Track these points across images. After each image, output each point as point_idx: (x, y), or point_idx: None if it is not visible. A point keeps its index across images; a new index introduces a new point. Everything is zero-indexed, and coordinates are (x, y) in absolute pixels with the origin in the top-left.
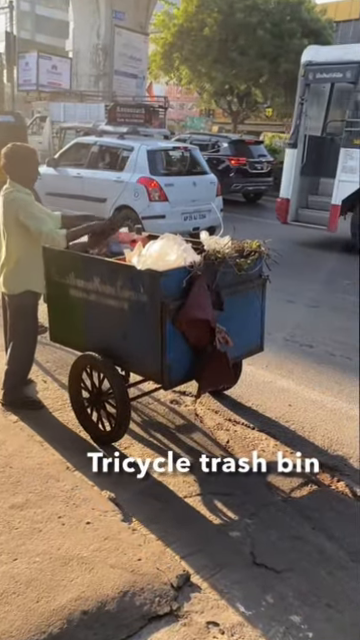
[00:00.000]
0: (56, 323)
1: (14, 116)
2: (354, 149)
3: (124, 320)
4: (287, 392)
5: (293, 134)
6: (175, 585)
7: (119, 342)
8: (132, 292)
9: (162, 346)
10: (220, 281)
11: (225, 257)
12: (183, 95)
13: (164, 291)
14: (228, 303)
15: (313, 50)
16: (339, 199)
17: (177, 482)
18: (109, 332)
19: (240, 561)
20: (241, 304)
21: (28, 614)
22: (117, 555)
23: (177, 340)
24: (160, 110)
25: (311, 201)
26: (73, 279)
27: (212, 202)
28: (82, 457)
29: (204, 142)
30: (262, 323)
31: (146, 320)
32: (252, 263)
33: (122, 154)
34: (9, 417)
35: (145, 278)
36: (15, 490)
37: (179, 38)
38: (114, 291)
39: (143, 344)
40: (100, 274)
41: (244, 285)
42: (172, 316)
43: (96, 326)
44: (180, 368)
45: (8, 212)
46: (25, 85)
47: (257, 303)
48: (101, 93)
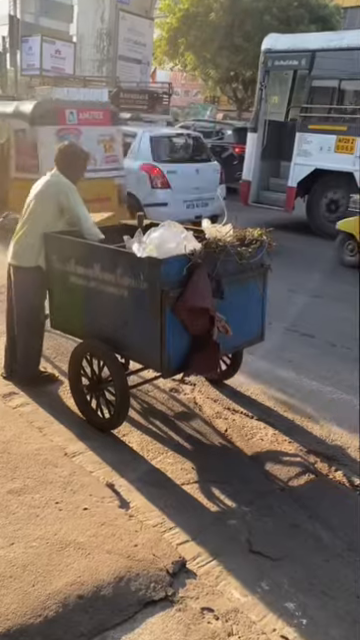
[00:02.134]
0: (57, 310)
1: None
2: (309, 134)
3: (124, 308)
4: (286, 381)
5: (253, 119)
6: (171, 571)
7: (119, 330)
8: (132, 280)
9: (162, 334)
10: (221, 269)
11: (226, 245)
12: (188, 82)
13: (164, 279)
14: (229, 292)
15: (273, 38)
16: (295, 181)
17: (175, 469)
18: (109, 320)
19: (236, 549)
20: (242, 293)
21: (24, 597)
22: (114, 541)
23: (177, 328)
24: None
25: (272, 183)
26: (73, 266)
27: (215, 190)
28: (81, 443)
29: (208, 129)
30: (263, 313)
31: (146, 308)
32: (253, 252)
33: (125, 140)
34: (8, 403)
35: (145, 265)
36: (13, 475)
37: (184, 23)
38: (114, 278)
39: (143, 332)
40: (100, 261)
41: (245, 274)
42: (172, 304)
43: (96, 314)
44: (179, 356)
45: (51, 191)
46: (28, 70)
47: (258, 292)
48: (105, 78)
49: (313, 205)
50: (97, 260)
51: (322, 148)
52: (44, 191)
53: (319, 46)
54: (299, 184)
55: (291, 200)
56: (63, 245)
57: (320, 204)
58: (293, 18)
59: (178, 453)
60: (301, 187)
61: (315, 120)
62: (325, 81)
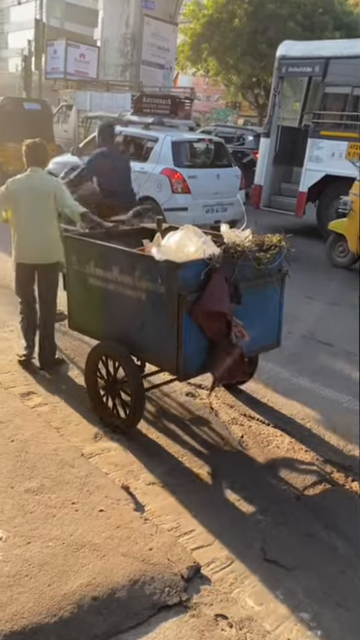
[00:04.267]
0: (75, 311)
1: (41, 104)
2: (321, 140)
3: (141, 310)
4: (304, 390)
5: (267, 124)
6: (185, 576)
7: (136, 332)
8: (150, 283)
9: (178, 338)
10: (239, 274)
11: (245, 250)
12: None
13: (182, 282)
14: (246, 297)
15: (288, 45)
16: (306, 186)
17: (190, 474)
18: (126, 322)
19: (251, 556)
20: (259, 298)
21: (40, 597)
22: (129, 544)
23: (193, 332)
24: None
25: (283, 188)
26: (93, 268)
27: (235, 195)
28: (97, 445)
29: (229, 135)
30: (280, 319)
31: (163, 311)
32: (272, 257)
33: (146, 145)
34: (27, 402)
35: (163, 269)
36: (31, 474)
37: (208, 29)
38: (132, 281)
39: (159, 335)
40: (119, 264)
41: (263, 279)
42: (189, 308)
43: (114, 315)
44: (195, 360)
45: (51, 185)
46: (52, 73)
47: (276, 298)
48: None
49: (323, 210)
50: (116, 262)
51: (333, 154)
52: (45, 189)
53: (333, 53)
54: (310, 189)
55: (302, 205)
56: (83, 247)
57: (330, 210)
58: (317, 25)
59: (193, 458)
60: (312, 192)
61: (327, 126)
62: (338, 88)
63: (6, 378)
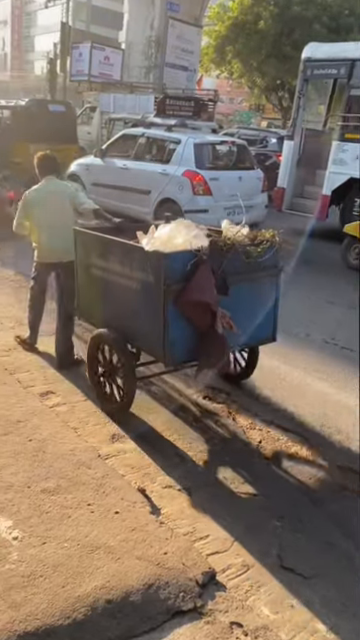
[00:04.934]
0: (82, 301)
1: (65, 106)
2: (345, 142)
3: (135, 299)
4: (325, 395)
5: (291, 127)
6: (200, 582)
7: (130, 320)
8: (141, 272)
9: (164, 325)
10: (228, 267)
11: (234, 244)
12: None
13: (168, 272)
14: (238, 290)
15: (313, 47)
16: (329, 189)
17: (206, 479)
18: (123, 310)
19: (267, 563)
20: (252, 292)
21: (54, 598)
22: (144, 547)
23: (179, 321)
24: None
25: (306, 191)
26: (95, 259)
27: (257, 198)
28: (114, 446)
29: (252, 137)
30: (276, 314)
31: (151, 300)
32: (262, 251)
33: (169, 146)
34: (45, 402)
35: (151, 259)
36: (47, 474)
37: (233, 31)
38: (127, 271)
39: (149, 323)
40: (116, 254)
41: (256, 274)
42: (175, 297)
43: (112, 304)
44: (182, 348)
45: (68, 192)
46: (77, 75)
47: (271, 293)
48: (151, 85)
49: (347, 214)
50: (113, 253)
51: (358, 157)
52: (62, 192)
53: (358, 55)
54: (334, 192)
55: (325, 208)
56: (87, 239)
57: (354, 213)
58: (343, 27)
59: (210, 462)
60: (335, 195)
61: (352, 129)
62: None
63: (25, 377)
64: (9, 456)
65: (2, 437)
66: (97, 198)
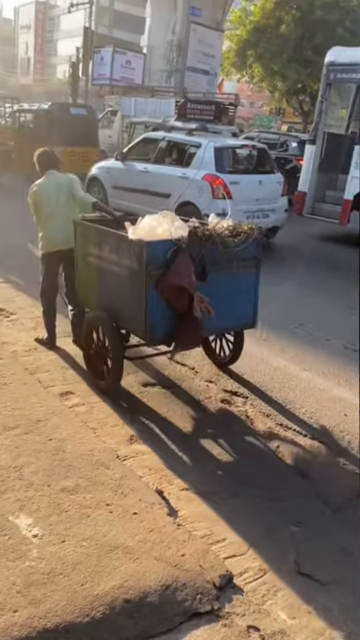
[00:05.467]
0: (81, 287)
1: (87, 109)
2: None
3: (122, 284)
4: (343, 401)
5: (312, 131)
6: (217, 585)
7: (119, 303)
8: (127, 259)
9: (146, 307)
10: (207, 256)
11: (212, 234)
12: (254, 93)
13: (149, 259)
14: (217, 277)
15: (336, 51)
16: (351, 194)
17: (224, 482)
18: (113, 294)
19: (284, 568)
20: (231, 280)
21: (73, 596)
22: (161, 548)
23: (160, 304)
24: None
25: (328, 196)
26: (91, 248)
27: (277, 201)
28: (132, 447)
29: (273, 141)
30: (256, 301)
31: (135, 284)
32: (239, 242)
33: (189, 150)
34: (65, 402)
35: (135, 247)
36: (67, 474)
37: (254, 35)
38: (116, 259)
39: (134, 305)
40: (107, 243)
41: (235, 263)
42: (156, 282)
43: (104, 289)
44: (162, 328)
45: (68, 184)
46: (99, 79)
47: (251, 282)
48: (172, 89)
49: None
50: (106, 242)
51: None
52: (64, 184)
53: None
54: (355, 197)
55: (346, 213)
56: (85, 230)
57: None
58: None
59: (228, 466)
60: (358, 200)
61: None
62: None
63: (45, 377)
64: (30, 454)
65: (23, 436)
66: (117, 201)
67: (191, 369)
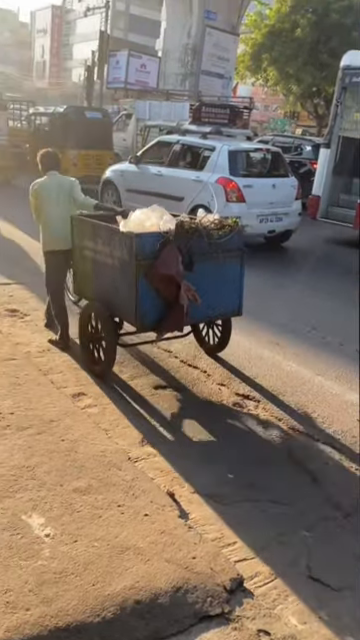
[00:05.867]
0: (77, 279)
1: (101, 113)
2: None
3: (115, 275)
4: (356, 406)
5: (327, 134)
6: (228, 588)
7: (112, 293)
8: (119, 251)
9: (136, 295)
10: (194, 247)
11: (197, 227)
12: (268, 96)
13: (138, 250)
14: (202, 268)
15: (352, 55)
16: None
17: (235, 486)
18: (106, 285)
19: (295, 573)
20: (217, 271)
21: (84, 596)
22: (172, 550)
23: (149, 292)
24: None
25: (342, 199)
26: (86, 241)
27: (291, 205)
28: (143, 449)
29: (287, 144)
30: (240, 291)
31: (126, 274)
32: (223, 234)
33: (203, 154)
34: (77, 403)
35: (125, 239)
36: (79, 475)
37: (269, 39)
38: (109, 250)
39: (125, 294)
40: (102, 237)
41: (220, 254)
42: (145, 271)
43: (99, 280)
44: (151, 316)
45: (68, 186)
46: (114, 82)
47: (235, 272)
48: (187, 92)
49: None
50: (99, 236)
51: None
52: (65, 185)
53: None
54: None
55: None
56: (80, 224)
57: None
58: None
59: (240, 469)
60: None
61: None
62: None
63: (58, 378)
64: (42, 454)
65: (36, 436)
66: (131, 204)
67: (203, 372)
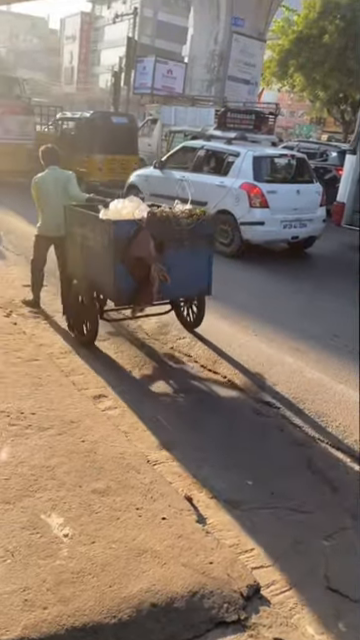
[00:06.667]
0: (70, 261)
1: (128, 118)
2: None
3: (97, 257)
4: None
5: (354, 141)
6: (245, 595)
7: (96, 273)
8: (100, 236)
9: (114, 275)
10: (165, 233)
11: (168, 215)
12: (294, 102)
13: (115, 235)
14: (174, 252)
15: None
16: None
17: (254, 492)
18: (91, 266)
19: (313, 582)
20: (187, 255)
21: (101, 596)
22: (189, 555)
23: (125, 272)
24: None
25: None
26: (76, 228)
27: (315, 211)
28: (161, 453)
29: (312, 150)
30: (209, 273)
31: (106, 256)
32: (191, 222)
33: (227, 159)
34: (98, 405)
35: (104, 225)
36: (98, 476)
37: (297, 45)
38: (92, 235)
39: (105, 274)
40: (87, 224)
41: (190, 240)
42: (121, 253)
43: (86, 262)
44: (127, 292)
45: (64, 179)
46: (140, 88)
47: (204, 256)
48: (212, 98)
49: None
50: (85, 223)
51: None
52: (62, 179)
53: None
54: None
55: None
56: (71, 213)
57: None
58: None
59: (258, 476)
60: None
61: None
62: None
63: (79, 380)
64: (63, 455)
65: (57, 436)
66: None
67: (223, 377)
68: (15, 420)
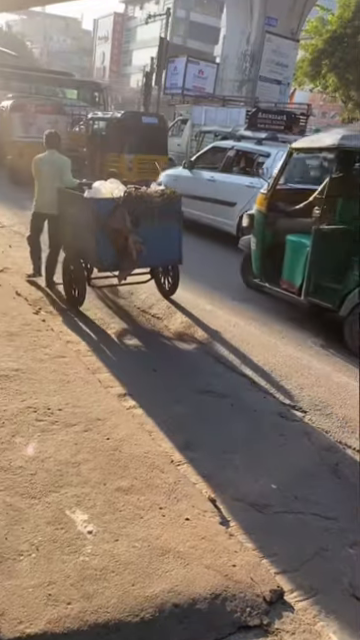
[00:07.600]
0: (65, 237)
1: (158, 118)
2: None
3: (83, 230)
4: None
5: None
6: (268, 599)
7: (82, 244)
8: (84, 212)
9: (97, 244)
10: (140, 209)
11: (142, 195)
12: (326, 103)
13: (97, 211)
14: (148, 226)
15: None
16: None
17: (278, 496)
18: (78, 238)
19: (337, 590)
20: (160, 228)
21: (124, 595)
22: (212, 557)
23: (106, 242)
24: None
25: None
26: (67, 207)
27: None
28: (185, 453)
29: None
30: (180, 244)
31: (90, 229)
32: (162, 201)
33: (258, 160)
34: (123, 403)
35: (88, 203)
36: (122, 474)
37: (331, 45)
38: (79, 212)
39: (89, 244)
40: (75, 203)
41: (164, 216)
42: (102, 226)
43: (74, 235)
44: (109, 260)
45: (60, 161)
46: (171, 88)
47: (175, 230)
48: (243, 98)
49: None
50: (74, 202)
51: None
52: (58, 163)
53: None
54: None
55: None
56: (63, 194)
57: None
58: None
59: (283, 480)
60: None
61: None
62: None
63: (105, 377)
64: (88, 452)
65: (82, 433)
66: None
67: (249, 379)
68: (42, 416)
